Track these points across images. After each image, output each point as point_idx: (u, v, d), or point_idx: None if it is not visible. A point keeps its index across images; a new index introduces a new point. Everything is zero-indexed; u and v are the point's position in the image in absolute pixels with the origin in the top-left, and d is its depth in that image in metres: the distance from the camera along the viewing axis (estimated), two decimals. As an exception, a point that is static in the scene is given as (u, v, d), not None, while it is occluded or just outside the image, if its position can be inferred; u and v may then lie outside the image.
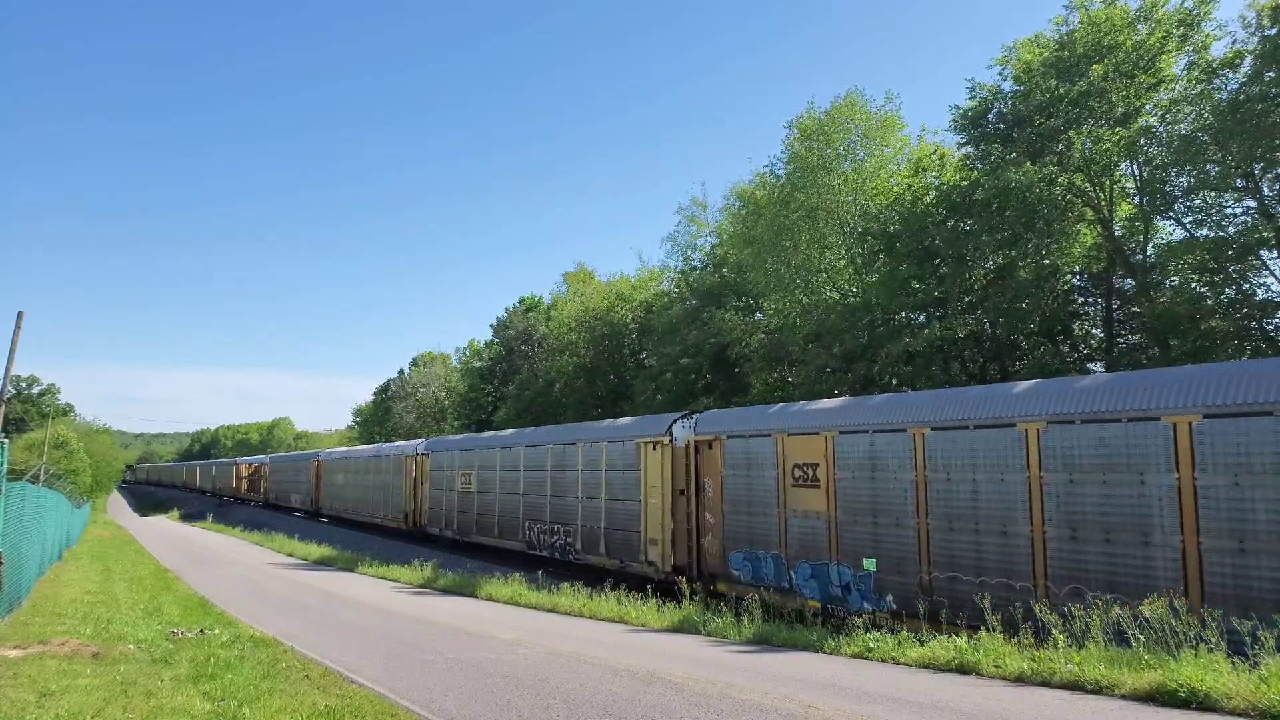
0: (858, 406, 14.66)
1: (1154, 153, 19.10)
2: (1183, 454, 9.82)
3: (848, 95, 25.64)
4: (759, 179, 29.53)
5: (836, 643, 11.55)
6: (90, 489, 69.91)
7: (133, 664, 10.08)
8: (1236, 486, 9.37)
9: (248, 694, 8.55)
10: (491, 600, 18.66)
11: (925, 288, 22.32)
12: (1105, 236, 20.13)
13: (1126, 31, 19.12)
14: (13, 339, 17.51)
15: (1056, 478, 11.02)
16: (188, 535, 45.73)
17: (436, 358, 69.48)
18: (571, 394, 39.46)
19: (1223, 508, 9.47)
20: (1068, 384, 11.68)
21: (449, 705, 8.47)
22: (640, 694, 8.77)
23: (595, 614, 15.80)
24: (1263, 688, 7.38)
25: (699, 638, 13.30)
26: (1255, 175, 17.46)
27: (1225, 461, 9.49)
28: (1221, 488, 9.49)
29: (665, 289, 38.55)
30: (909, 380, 21.96)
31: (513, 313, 52.82)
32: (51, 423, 71.78)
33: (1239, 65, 17.74)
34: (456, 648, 12.02)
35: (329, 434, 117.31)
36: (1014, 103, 20.90)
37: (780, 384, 26.40)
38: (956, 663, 9.86)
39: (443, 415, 58.99)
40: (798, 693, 8.70)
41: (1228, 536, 9.39)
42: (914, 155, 25.21)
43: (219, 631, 12.97)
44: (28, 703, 7.83)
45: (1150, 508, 10.08)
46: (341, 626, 14.63)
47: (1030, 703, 8.07)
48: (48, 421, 72.89)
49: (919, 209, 22.99)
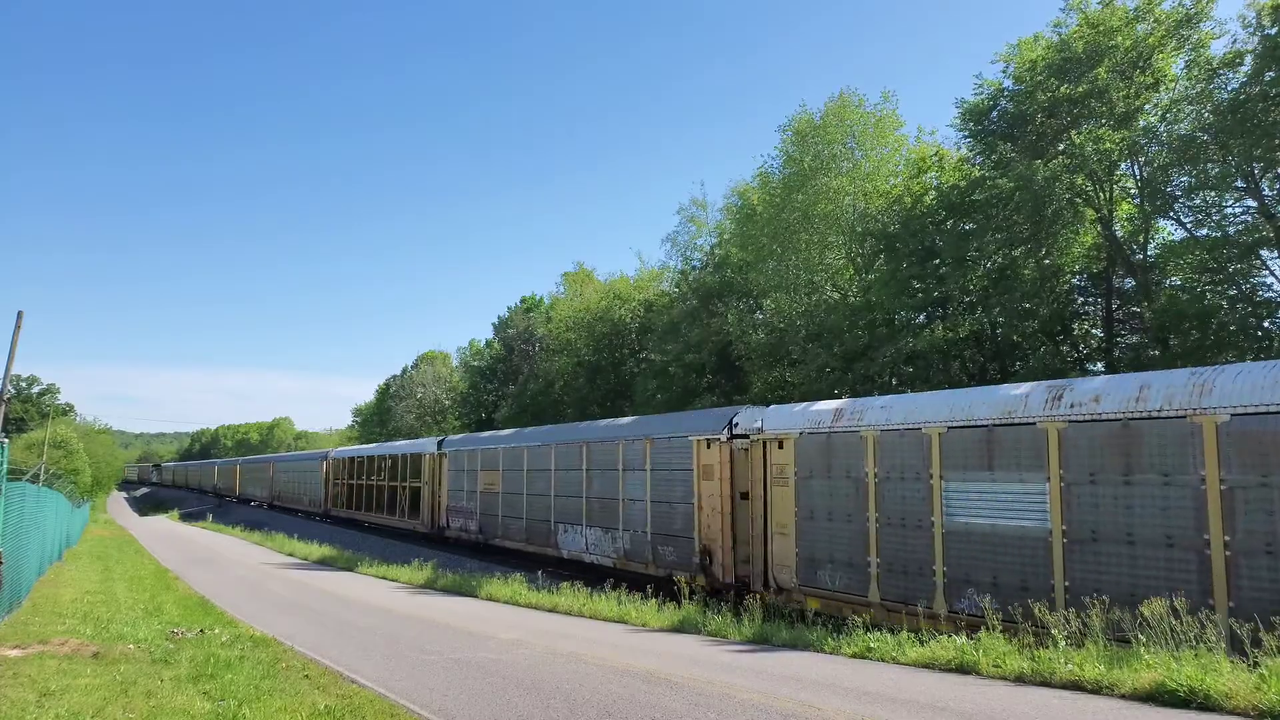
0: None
1: (1154, 153, 19.09)
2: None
3: (840, 96, 25.64)
4: (758, 178, 29.52)
5: (836, 643, 11.53)
6: (90, 489, 69.91)
7: (133, 664, 10.07)
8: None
9: (248, 694, 8.55)
10: (491, 600, 18.66)
11: (926, 288, 22.32)
12: (1106, 236, 20.12)
13: (1125, 31, 19.10)
14: (13, 339, 17.51)
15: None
16: (187, 535, 45.73)
17: (438, 357, 69.49)
18: (571, 393, 39.46)
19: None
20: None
21: (449, 705, 8.47)
22: (640, 694, 8.76)
23: (595, 614, 15.79)
24: (1263, 687, 7.38)
25: (699, 637, 13.30)
26: (1255, 175, 17.45)
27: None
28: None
29: (665, 289, 38.52)
30: (909, 380, 21.97)
31: (513, 312, 52.88)
32: (51, 423, 71.78)
33: (1239, 65, 17.73)
34: (456, 647, 12.01)
35: (329, 434, 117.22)
36: (1016, 102, 20.90)
37: (780, 383, 26.39)
38: (956, 662, 9.85)
39: (443, 415, 58.98)
40: (798, 693, 8.70)
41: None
42: (911, 155, 25.21)
43: (219, 631, 12.96)
44: (28, 702, 7.82)
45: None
46: (341, 626, 14.62)
47: (1030, 702, 8.07)
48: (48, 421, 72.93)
49: (919, 210, 22.99)
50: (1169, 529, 9.82)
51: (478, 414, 51.17)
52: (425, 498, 31.95)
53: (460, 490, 29.21)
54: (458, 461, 29.61)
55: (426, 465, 31.97)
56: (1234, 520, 9.28)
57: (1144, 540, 10.04)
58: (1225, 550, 9.29)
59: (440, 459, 31.01)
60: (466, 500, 28.61)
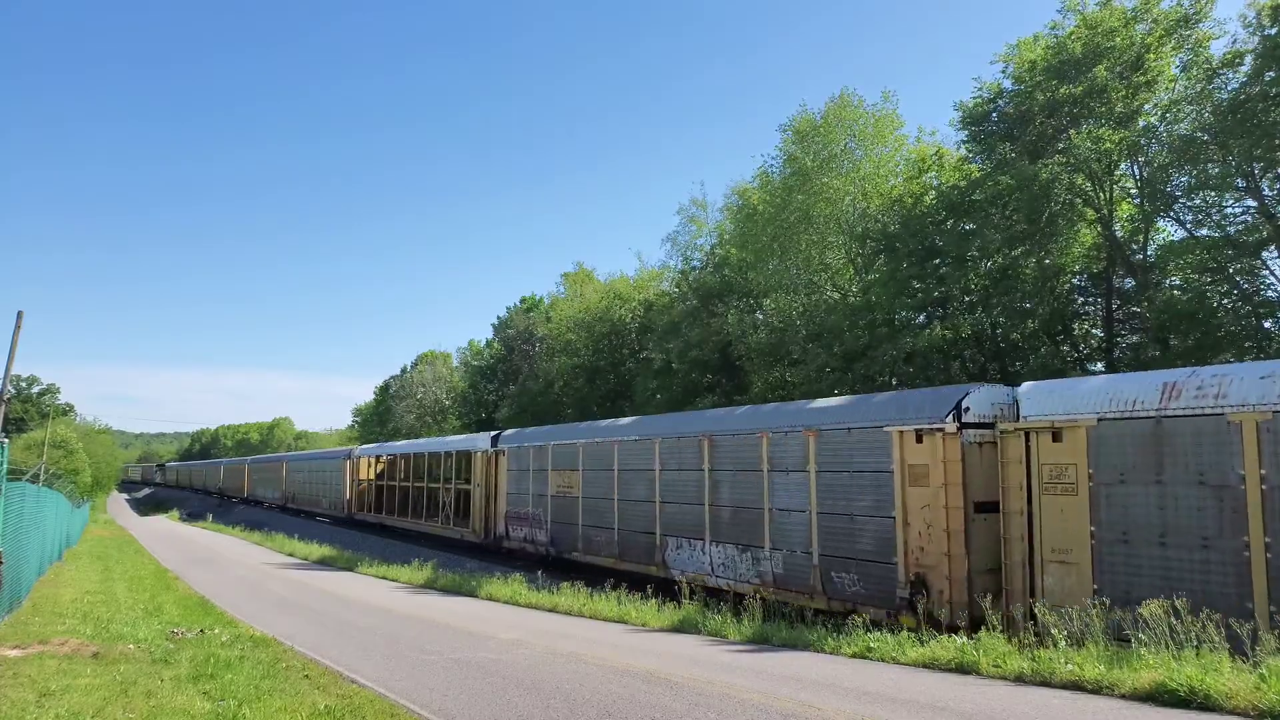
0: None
1: (1154, 153, 19.09)
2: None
3: (841, 95, 25.65)
4: (758, 178, 29.52)
5: (836, 642, 11.52)
6: (90, 489, 69.91)
7: (133, 664, 10.07)
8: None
9: (248, 694, 8.55)
10: (491, 600, 18.65)
11: (926, 288, 22.32)
12: (1105, 236, 20.13)
13: (1123, 32, 19.10)
14: (13, 339, 17.51)
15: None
16: (188, 535, 45.72)
17: (438, 357, 69.52)
18: (571, 393, 39.48)
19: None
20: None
21: (449, 705, 8.47)
22: (640, 693, 8.76)
23: (595, 613, 15.79)
24: (1262, 687, 7.38)
25: (699, 637, 13.30)
26: (1255, 175, 17.44)
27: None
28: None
29: (665, 289, 38.54)
30: (909, 380, 21.97)
31: (513, 312, 52.96)
32: (51, 423, 71.76)
33: (1239, 65, 17.73)
34: (456, 647, 12.01)
35: (329, 433, 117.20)
36: (1015, 102, 20.90)
37: (781, 383, 26.40)
38: (956, 662, 9.85)
39: (443, 415, 59.02)
40: (798, 692, 8.70)
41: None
42: (912, 155, 25.22)
43: (219, 631, 12.96)
44: (28, 702, 7.82)
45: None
46: (341, 626, 14.62)
47: (1030, 702, 8.07)
48: (47, 421, 72.90)
49: (919, 210, 23.00)
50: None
51: (478, 414, 51.22)
52: (476, 502, 27.60)
53: (523, 493, 24.81)
54: (519, 460, 25.27)
55: (478, 464, 27.64)
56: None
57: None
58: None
59: (495, 457, 26.75)
60: (532, 505, 24.20)
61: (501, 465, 26.30)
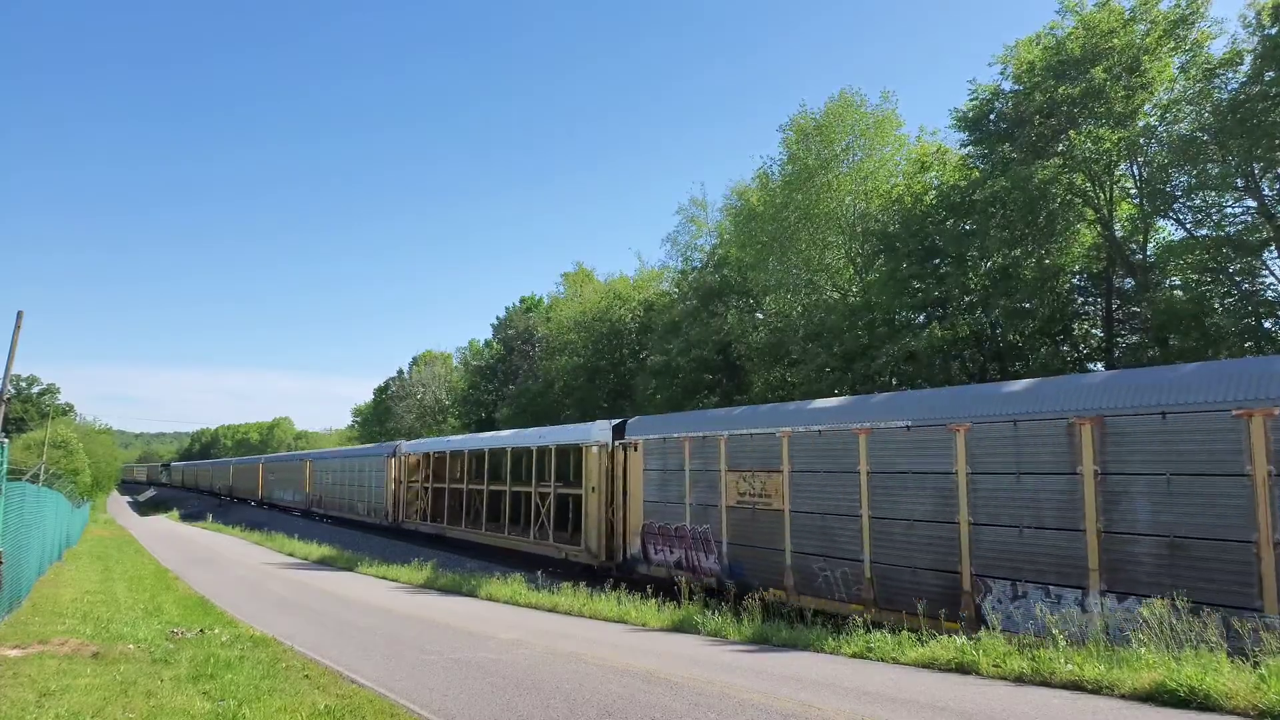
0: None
1: (1154, 153, 19.08)
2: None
3: (841, 95, 25.64)
4: (757, 178, 29.51)
5: (836, 642, 11.52)
6: (90, 489, 69.93)
7: (132, 664, 10.07)
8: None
9: (248, 694, 8.55)
10: (491, 600, 18.66)
11: (926, 288, 22.32)
12: (1105, 236, 20.12)
13: (1122, 32, 19.09)
14: (13, 339, 17.49)
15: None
16: (188, 535, 45.73)
17: (437, 357, 69.54)
18: (571, 393, 39.48)
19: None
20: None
21: (449, 705, 8.47)
22: (640, 693, 8.76)
23: (595, 614, 15.79)
24: (1262, 687, 7.38)
25: (698, 637, 13.30)
26: (1255, 175, 17.45)
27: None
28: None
29: (665, 289, 38.55)
30: (909, 380, 21.96)
31: (513, 312, 52.97)
32: (51, 423, 71.75)
33: (1239, 65, 17.72)
34: (456, 647, 12.01)
35: (329, 433, 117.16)
36: (1014, 103, 20.89)
37: (781, 383, 26.40)
38: (956, 662, 9.85)
39: (443, 415, 59.06)
40: (798, 692, 8.70)
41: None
42: (912, 154, 25.20)
43: (219, 631, 12.96)
44: (28, 702, 7.82)
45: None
46: (341, 626, 14.62)
47: (1030, 702, 8.07)
48: (47, 421, 72.87)
49: (919, 210, 22.99)
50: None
51: (478, 414, 51.25)
52: (591, 512, 21.52)
53: (672, 503, 18.74)
54: (663, 456, 19.22)
55: (592, 462, 21.58)
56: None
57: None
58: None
59: (622, 452, 20.76)
60: (691, 520, 18.08)
61: (633, 464, 20.18)
